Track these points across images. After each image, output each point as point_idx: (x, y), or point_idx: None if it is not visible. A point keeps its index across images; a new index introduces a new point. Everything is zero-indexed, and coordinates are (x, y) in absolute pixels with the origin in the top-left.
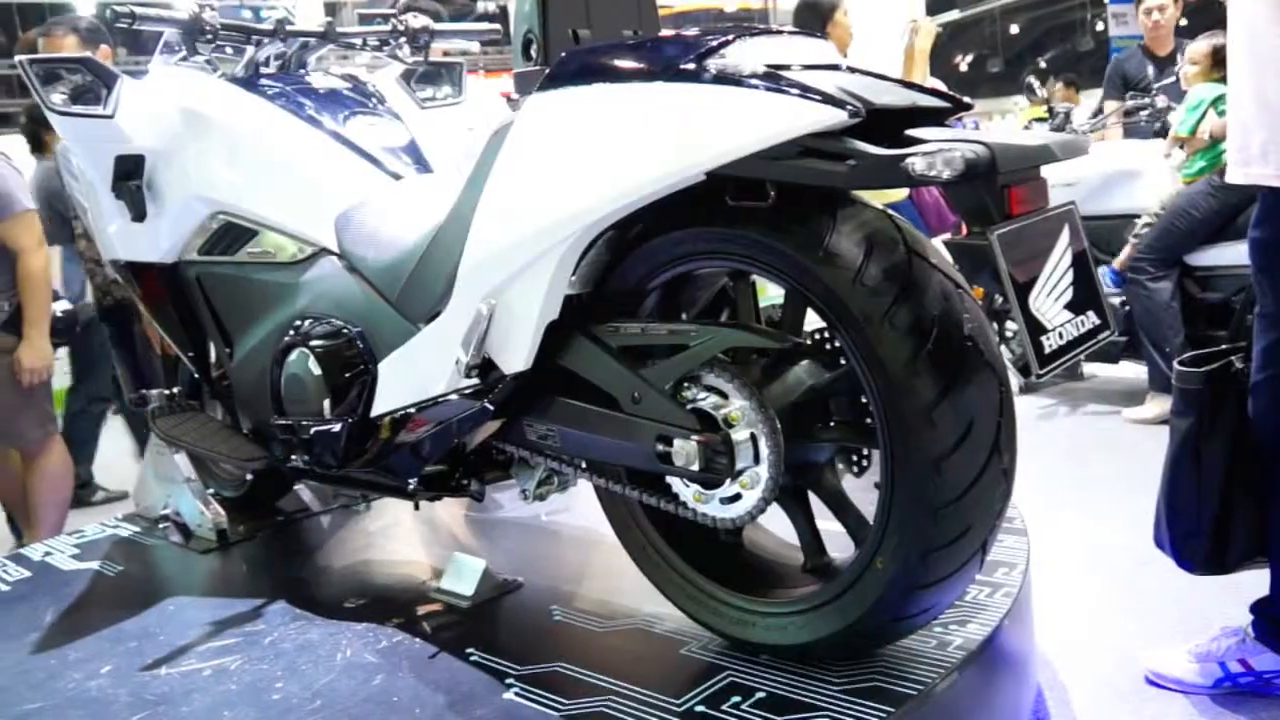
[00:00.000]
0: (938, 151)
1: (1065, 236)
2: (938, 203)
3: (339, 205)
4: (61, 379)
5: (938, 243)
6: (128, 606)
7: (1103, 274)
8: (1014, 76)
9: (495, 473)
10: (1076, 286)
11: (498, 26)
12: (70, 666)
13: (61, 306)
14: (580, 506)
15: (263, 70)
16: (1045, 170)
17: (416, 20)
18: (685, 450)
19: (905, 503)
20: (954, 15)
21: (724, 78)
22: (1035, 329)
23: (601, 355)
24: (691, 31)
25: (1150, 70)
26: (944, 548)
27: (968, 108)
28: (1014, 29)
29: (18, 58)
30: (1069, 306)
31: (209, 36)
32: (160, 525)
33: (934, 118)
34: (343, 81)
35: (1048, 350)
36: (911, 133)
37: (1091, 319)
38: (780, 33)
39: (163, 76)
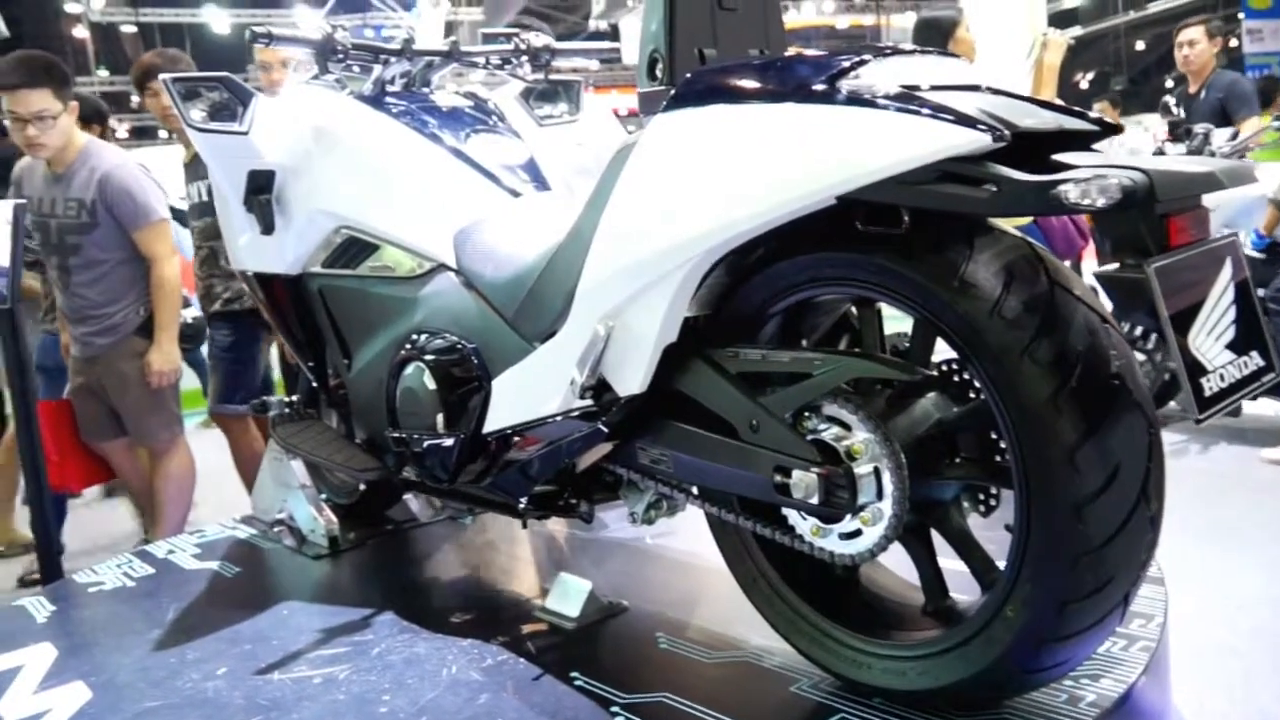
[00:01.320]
0: (1092, 179)
1: (1227, 270)
2: (1065, 227)
3: (458, 222)
4: (189, 382)
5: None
6: (243, 608)
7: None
8: (1139, 94)
9: (603, 493)
10: (1239, 324)
11: (618, 46)
12: (188, 666)
13: (191, 313)
14: (686, 530)
15: (389, 89)
16: None
17: (538, 39)
18: (805, 482)
19: (1042, 549)
20: (1076, 31)
21: (858, 99)
22: (1195, 370)
23: (719, 381)
24: (822, 52)
25: None
26: (1083, 599)
27: (1117, 131)
28: (1139, 45)
29: (162, 76)
30: (1231, 346)
31: (340, 56)
32: (275, 529)
33: (1080, 141)
34: (464, 99)
35: (1208, 393)
36: (1059, 157)
37: (1256, 360)
38: (914, 52)
39: (295, 94)
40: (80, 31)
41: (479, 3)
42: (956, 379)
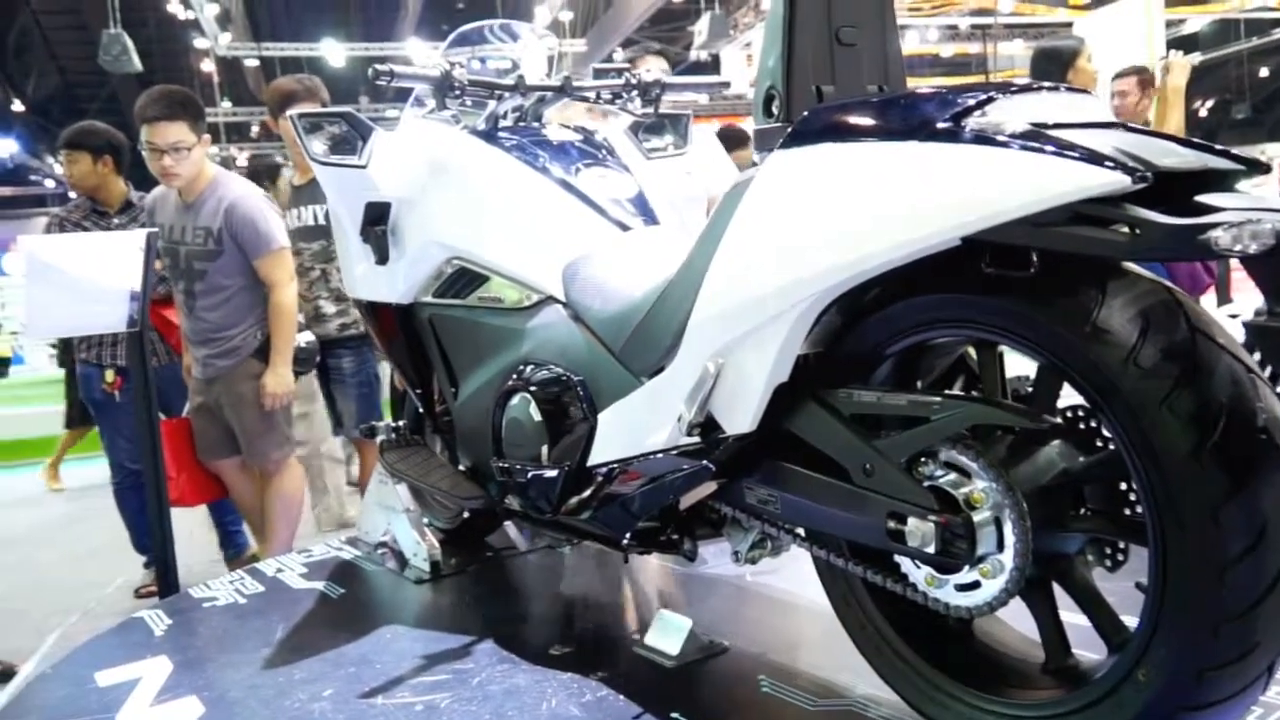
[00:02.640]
0: (1244, 223)
1: None
2: (1191, 265)
3: (568, 255)
4: (303, 404)
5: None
6: (348, 630)
7: None
8: (1261, 123)
9: (707, 530)
10: None
11: (729, 80)
12: (296, 686)
13: (305, 338)
14: (788, 569)
15: (501, 123)
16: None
17: (649, 74)
18: (921, 530)
19: (1179, 611)
20: (1196, 57)
21: (986, 137)
22: None
23: (832, 422)
24: (945, 88)
25: None
26: (1224, 667)
27: (1265, 170)
28: (1263, 71)
29: (290, 112)
30: None
31: (456, 92)
32: (378, 551)
33: (1222, 180)
34: (574, 134)
35: None
36: (1203, 199)
37: None
38: (1042, 88)
39: (411, 129)
40: (207, 65)
41: (583, 35)
42: (1084, 427)
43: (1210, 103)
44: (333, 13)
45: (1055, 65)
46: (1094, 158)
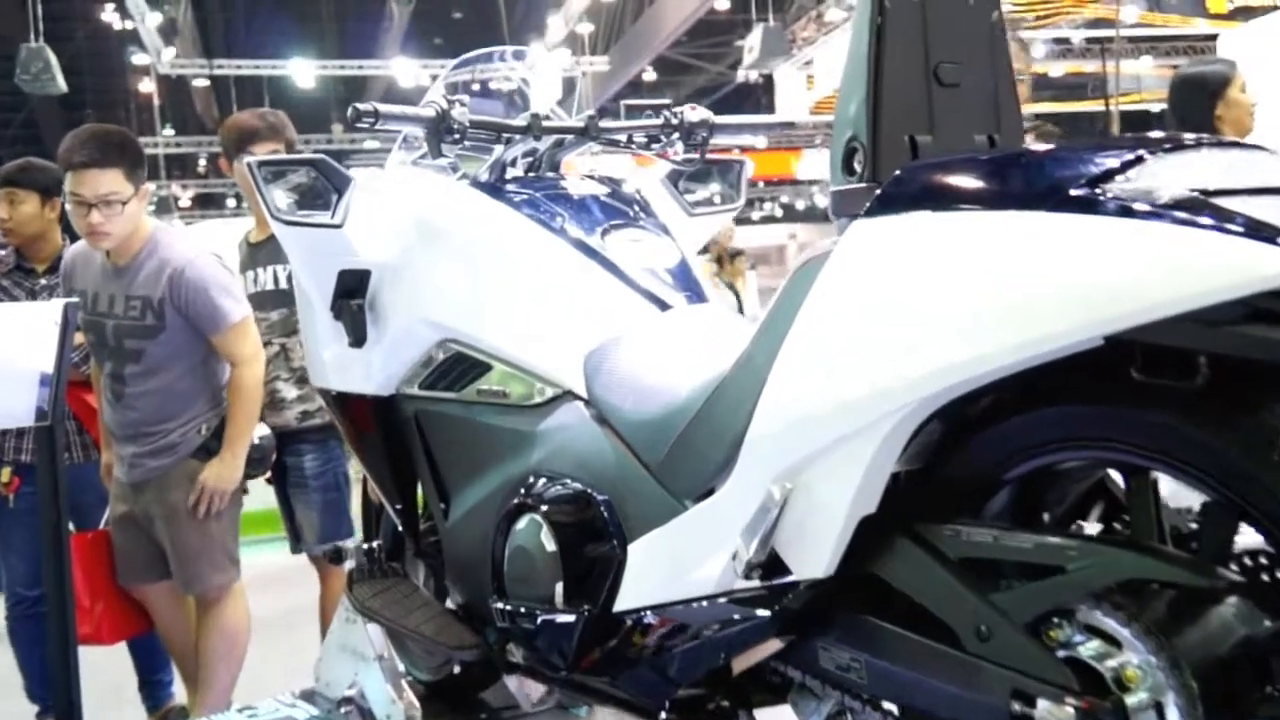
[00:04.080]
0: None
1: None
2: None
3: (591, 340)
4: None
5: None
6: None
7: None
8: None
9: (767, 696)
10: None
11: (792, 119)
12: None
13: (260, 431)
14: None
15: (510, 172)
16: None
17: (695, 113)
18: (1055, 716)
19: None
20: None
21: (1135, 209)
22: None
23: (934, 568)
24: (1078, 144)
25: None
26: None
27: None
28: None
29: (246, 160)
30: None
31: (456, 135)
32: (343, 709)
33: None
34: (600, 186)
35: None
36: None
37: None
38: (1207, 143)
39: (398, 180)
40: (146, 85)
41: (605, 50)
42: (1270, 579)
43: None
44: (302, 24)
45: (1200, 96)
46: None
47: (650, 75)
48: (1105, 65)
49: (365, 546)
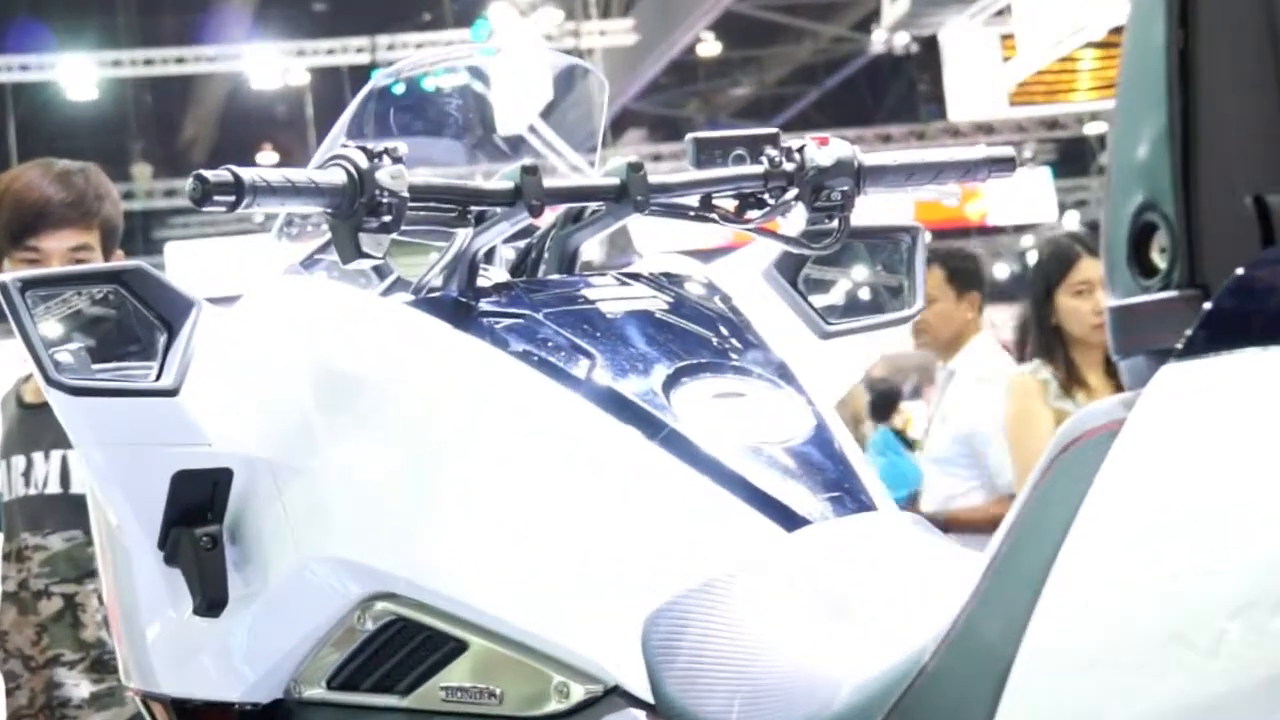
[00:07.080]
0: None
1: None
2: None
3: (654, 592)
4: None
5: None
6: None
7: None
8: None
9: None
10: None
11: (1011, 155)
12: None
13: None
14: None
15: (484, 274)
16: None
17: (827, 152)
18: None
19: None
20: None
21: None
22: None
23: None
24: None
25: None
26: None
27: None
28: None
29: (3, 279)
30: None
31: (385, 218)
32: None
33: None
34: (656, 294)
35: None
36: None
37: None
38: None
39: (279, 301)
40: None
41: (622, 10)
42: None
43: None
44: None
45: None
46: None
47: (711, 47)
48: None
49: None
